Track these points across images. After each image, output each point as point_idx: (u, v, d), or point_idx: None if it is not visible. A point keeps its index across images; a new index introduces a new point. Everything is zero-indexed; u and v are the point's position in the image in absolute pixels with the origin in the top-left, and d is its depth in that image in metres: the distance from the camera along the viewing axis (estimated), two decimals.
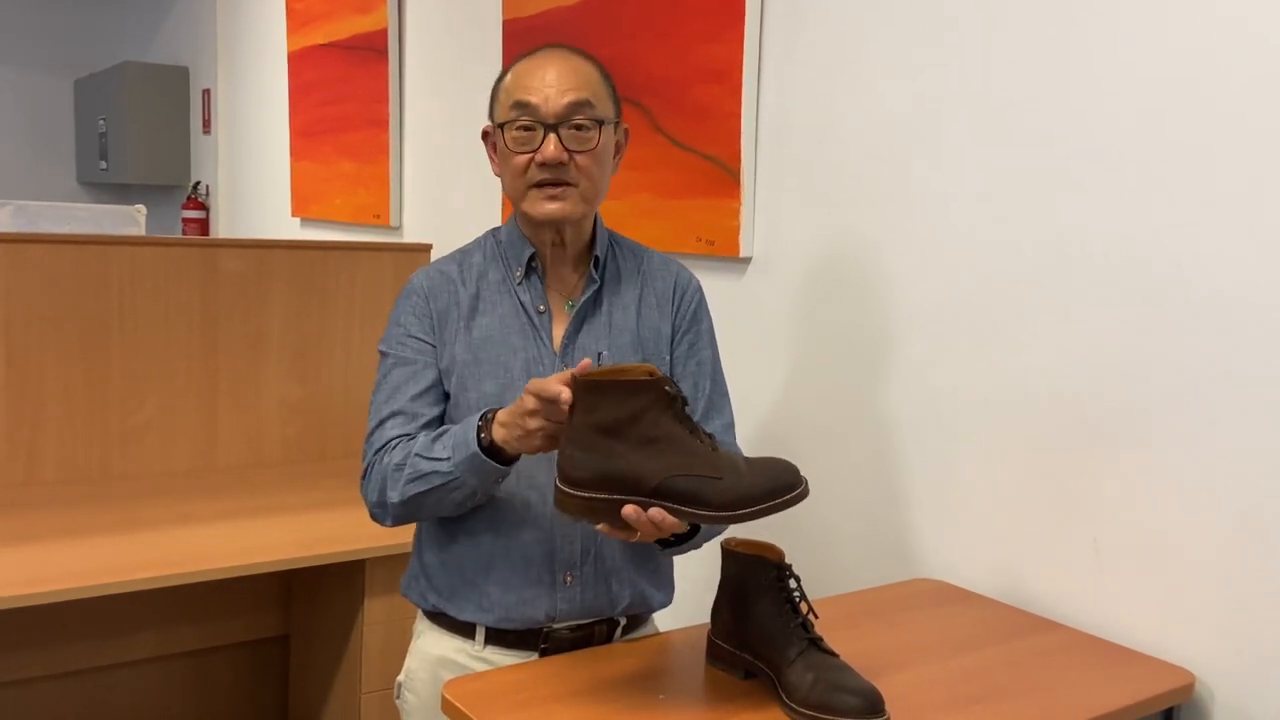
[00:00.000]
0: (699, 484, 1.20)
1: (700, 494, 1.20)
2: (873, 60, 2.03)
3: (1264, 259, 1.48)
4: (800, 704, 1.28)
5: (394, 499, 1.45)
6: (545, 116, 1.43)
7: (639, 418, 1.21)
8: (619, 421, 1.21)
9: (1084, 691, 1.44)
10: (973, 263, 1.87)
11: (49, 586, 1.90)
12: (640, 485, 1.21)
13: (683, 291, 1.60)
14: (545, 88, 1.44)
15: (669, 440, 1.21)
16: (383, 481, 1.46)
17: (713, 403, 1.59)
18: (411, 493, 1.43)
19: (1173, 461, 1.59)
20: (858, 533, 2.09)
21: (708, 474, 1.20)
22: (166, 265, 2.71)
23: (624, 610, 1.56)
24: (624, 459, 1.21)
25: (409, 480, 1.42)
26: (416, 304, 1.53)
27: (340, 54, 3.97)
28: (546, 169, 1.44)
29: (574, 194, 1.47)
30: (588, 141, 1.46)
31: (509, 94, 1.47)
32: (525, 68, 1.48)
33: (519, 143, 1.45)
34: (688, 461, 1.21)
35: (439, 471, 1.40)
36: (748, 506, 1.19)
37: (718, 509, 1.19)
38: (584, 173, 1.46)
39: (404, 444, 1.46)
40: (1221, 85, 1.52)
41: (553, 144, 1.43)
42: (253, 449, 2.86)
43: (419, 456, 1.42)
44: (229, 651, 2.74)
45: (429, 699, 1.55)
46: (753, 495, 1.19)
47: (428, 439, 1.44)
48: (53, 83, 6.39)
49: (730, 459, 1.24)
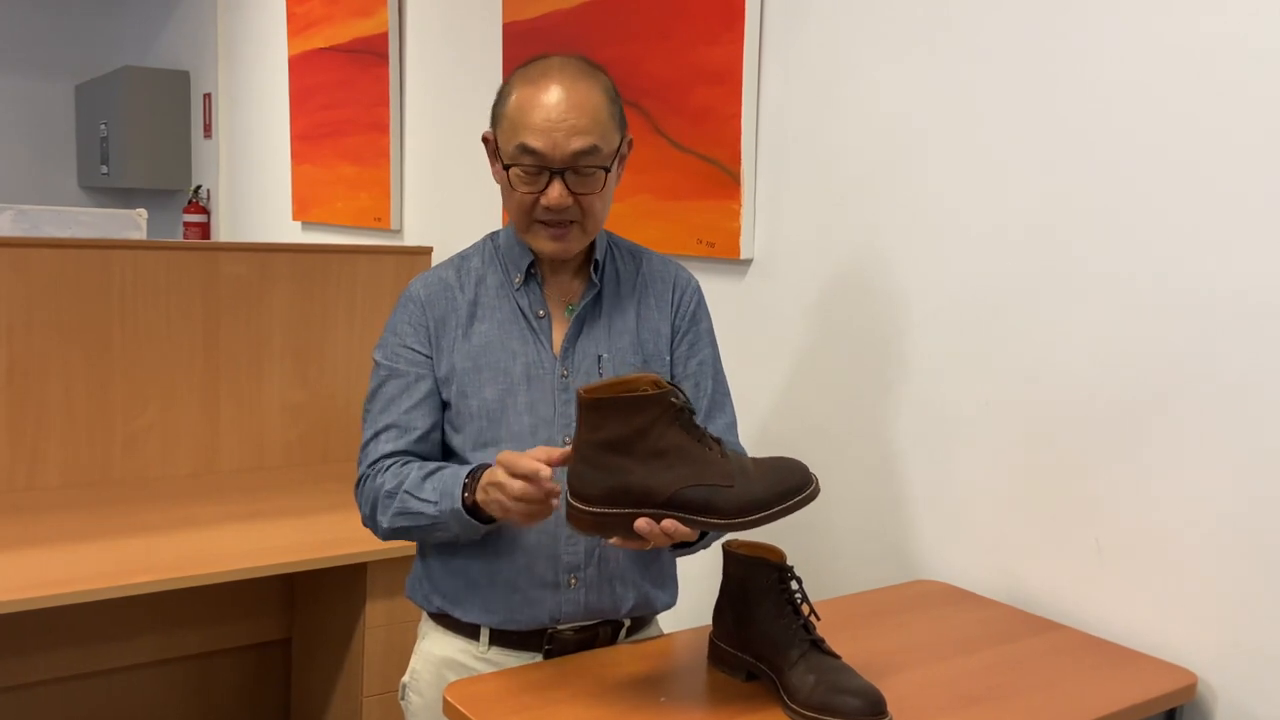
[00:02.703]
0: (710, 492, 1.21)
1: (712, 502, 1.20)
2: (872, 62, 2.03)
3: (1266, 260, 1.48)
4: (802, 706, 1.28)
5: (383, 524, 1.49)
6: (551, 162, 1.42)
7: (646, 431, 1.21)
8: (626, 437, 1.21)
9: (1086, 692, 1.44)
10: (973, 264, 1.87)
11: (51, 590, 1.90)
12: (652, 498, 1.21)
13: (682, 291, 1.60)
14: (552, 130, 1.40)
15: (678, 451, 1.22)
16: (374, 503, 1.49)
17: (715, 401, 1.59)
18: (399, 524, 1.47)
19: (1174, 462, 1.59)
20: (859, 534, 2.09)
21: (718, 482, 1.21)
22: (168, 269, 2.71)
23: (628, 612, 1.56)
24: (634, 474, 1.21)
25: (397, 513, 1.46)
26: (413, 313, 1.53)
27: (341, 58, 3.98)
28: (550, 211, 1.44)
29: (575, 231, 1.48)
30: (592, 185, 1.45)
31: (514, 128, 1.43)
32: (529, 97, 1.43)
33: (524, 182, 1.44)
34: (698, 471, 1.21)
35: (425, 514, 1.43)
36: (760, 511, 1.21)
37: (730, 516, 1.20)
38: (588, 212, 1.47)
39: (397, 468, 1.48)
40: (1222, 86, 1.52)
41: (557, 190, 1.43)
42: (254, 452, 2.86)
43: (408, 494, 1.44)
44: (231, 655, 2.74)
45: (433, 700, 1.55)
46: (765, 499, 1.20)
47: (419, 475, 1.45)
48: (54, 87, 6.39)
49: (740, 464, 1.24)
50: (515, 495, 1.30)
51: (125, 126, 5.64)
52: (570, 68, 1.45)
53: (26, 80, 6.31)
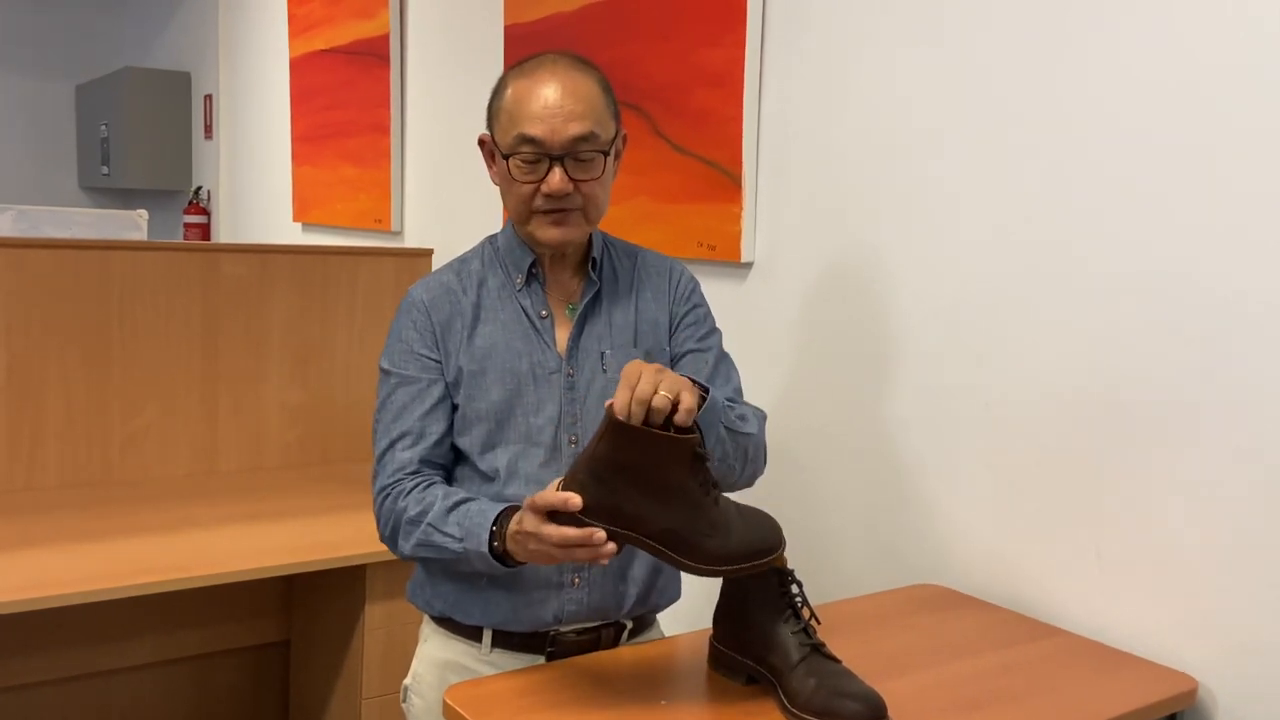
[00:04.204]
0: (691, 537, 1.27)
1: (689, 547, 1.27)
2: (874, 64, 2.03)
3: (1267, 261, 1.48)
4: (802, 709, 1.27)
5: (404, 550, 1.48)
6: (551, 149, 1.43)
7: (660, 466, 1.25)
8: (640, 466, 1.24)
9: (1086, 697, 1.44)
10: (974, 267, 1.87)
11: (49, 591, 1.89)
12: (639, 527, 1.26)
13: (676, 280, 1.62)
14: (550, 117, 1.42)
15: (680, 493, 1.26)
16: (395, 526, 1.48)
17: (718, 371, 1.59)
18: (421, 554, 1.47)
19: (1175, 466, 1.59)
20: (859, 538, 2.09)
21: (703, 530, 1.27)
22: (168, 270, 2.71)
23: (631, 610, 1.56)
24: (632, 501, 1.25)
25: (419, 544, 1.45)
26: (418, 318, 1.53)
27: (342, 59, 3.98)
28: (551, 198, 1.45)
29: (577, 217, 1.48)
30: (592, 170, 1.46)
31: (511, 120, 1.45)
32: (526, 89, 1.45)
33: (524, 172, 1.45)
34: (690, 516, 1.26)
35: (449, 548, 1.42)
36: (725, 565, 1.29)
37: (699, 562, 1.27)
38: (588, 198, 1.48)
39: (419, 491, 1.46)
40: (1224, 86, 1.52)
41: (558, 176, 1.44)
42: (253, 454, 2.86)
43: (431, 527, 1.43)
44: (230, 656, 2.74)
45: (435, 703, 1.54)
46: (733, 555, 1.29)
47: (444, 507, 1.43)
48: (55, 88, 6.39)
49: (726, 515, 1.29)
50: (556, 543, 1.27)
51: (126, 127, 5.64)
52: (563, 61, 1.48)
53: (27, 80, 6.31)
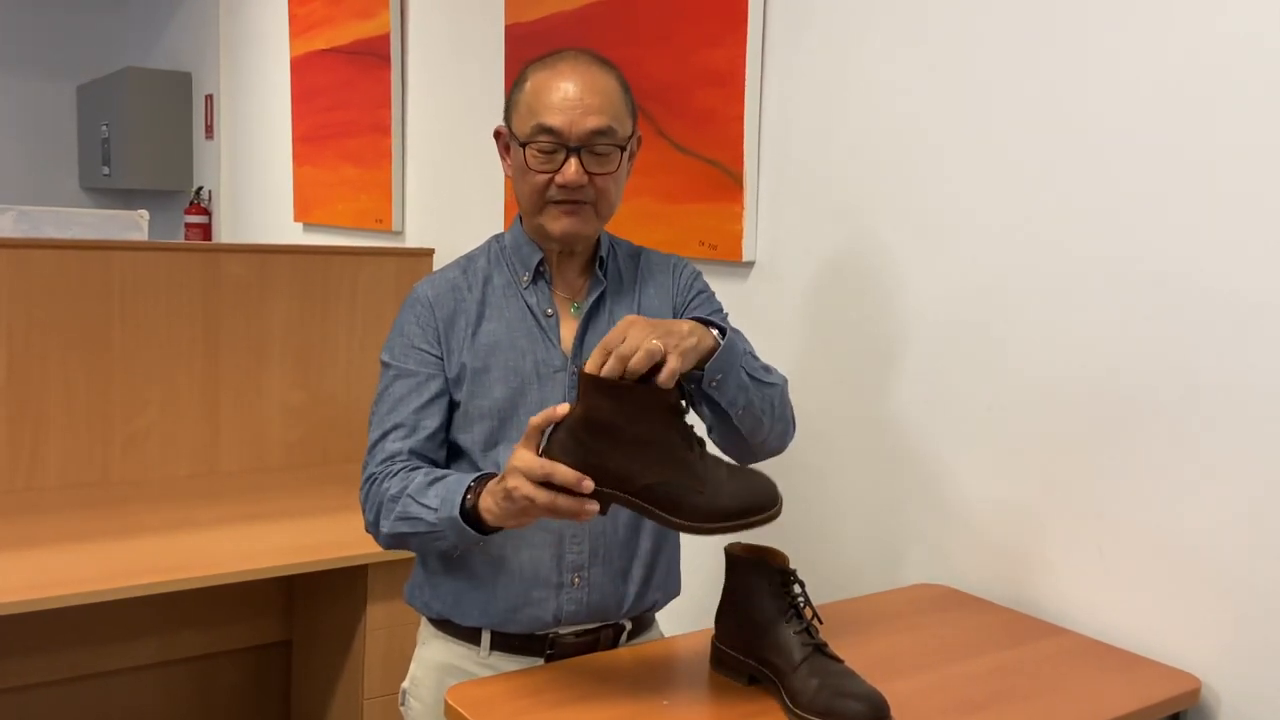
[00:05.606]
0: (681, 493, 1.23)
1: (679, 503, 1.23)
2: (875, 63, 2.03)
3: (1270, 261, 1.48)
4: (805, 710, 1.27)
5: (384, 530, 1.45)
6: (568, 140, 1.43)
7: (636, 419, 1.22)
8: (616, 423, 1.22)
9: (1089, 697, 1.44)
10: (977, 266, 1.86)
11: (50, 592, 1.89)
12: (625, 484, 1.23)
13: (680, 273, 1.63)
14: (569, 109, 1.43)
15: (662, 445, 1.23)
16: (378, 508, 1.46)
17: None
18: (399, 530, 1.43)
19: (1179, 465, 1.59)
20: (862, 538, 2.08)
21: (691, 485, 1.23)
22: (169, 270, 2.71)
23: (631, 610, 1.56)
24: (612, 458, 1.22)
25: (399, 518, 1.42)
26: (421, 314, 1.53)
27: (343, 59, 3.98)
28: (565, 190, 1.45)
29: (589, 211, 1.48)
30: (607, 164, 1.46)
31: (530, 110, 1.45)
32: (546, 80, 1.46)
33: (540, 162, 1.45)
34: (676, 469, 1.23)
35: (424, 520, 1.39)
36: (721, 521, 1.23)
37: (692, 519, 1.23)
38: (601, 193, 1.48)
39: (405, 472, 1.45)
40: (1224, 86, 1.52)
41: (573, 167, 1.44)
42: (255, 454, 2.86)
43: (411, 498, 1.41)
44: (231, 657, 2.74)
45: (434, 705, 1.54)
46: (728, 511, 1.23)
47: (424, 480, 1.42)
48: (56, 88, 6.40)
49: (715, 470, 1.25)
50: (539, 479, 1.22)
51: (127, 127, 5.65)
52: (585, 57, 1.49)
53: (28, 81, 6.32)
